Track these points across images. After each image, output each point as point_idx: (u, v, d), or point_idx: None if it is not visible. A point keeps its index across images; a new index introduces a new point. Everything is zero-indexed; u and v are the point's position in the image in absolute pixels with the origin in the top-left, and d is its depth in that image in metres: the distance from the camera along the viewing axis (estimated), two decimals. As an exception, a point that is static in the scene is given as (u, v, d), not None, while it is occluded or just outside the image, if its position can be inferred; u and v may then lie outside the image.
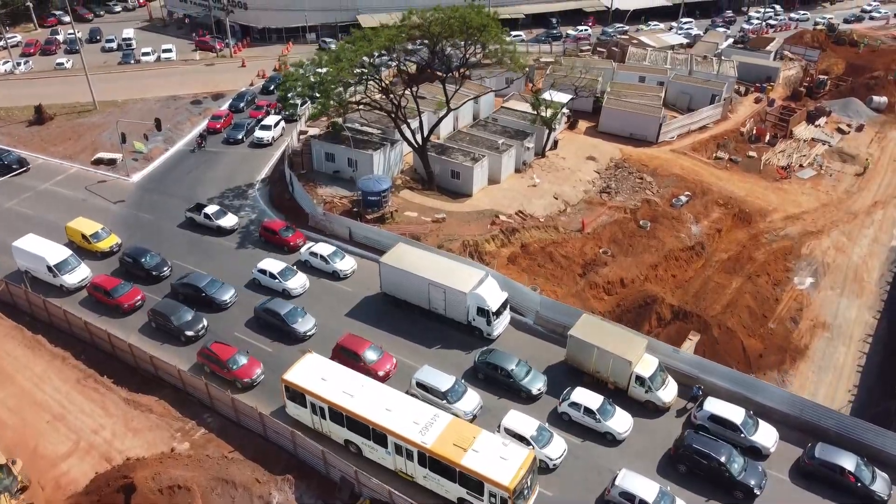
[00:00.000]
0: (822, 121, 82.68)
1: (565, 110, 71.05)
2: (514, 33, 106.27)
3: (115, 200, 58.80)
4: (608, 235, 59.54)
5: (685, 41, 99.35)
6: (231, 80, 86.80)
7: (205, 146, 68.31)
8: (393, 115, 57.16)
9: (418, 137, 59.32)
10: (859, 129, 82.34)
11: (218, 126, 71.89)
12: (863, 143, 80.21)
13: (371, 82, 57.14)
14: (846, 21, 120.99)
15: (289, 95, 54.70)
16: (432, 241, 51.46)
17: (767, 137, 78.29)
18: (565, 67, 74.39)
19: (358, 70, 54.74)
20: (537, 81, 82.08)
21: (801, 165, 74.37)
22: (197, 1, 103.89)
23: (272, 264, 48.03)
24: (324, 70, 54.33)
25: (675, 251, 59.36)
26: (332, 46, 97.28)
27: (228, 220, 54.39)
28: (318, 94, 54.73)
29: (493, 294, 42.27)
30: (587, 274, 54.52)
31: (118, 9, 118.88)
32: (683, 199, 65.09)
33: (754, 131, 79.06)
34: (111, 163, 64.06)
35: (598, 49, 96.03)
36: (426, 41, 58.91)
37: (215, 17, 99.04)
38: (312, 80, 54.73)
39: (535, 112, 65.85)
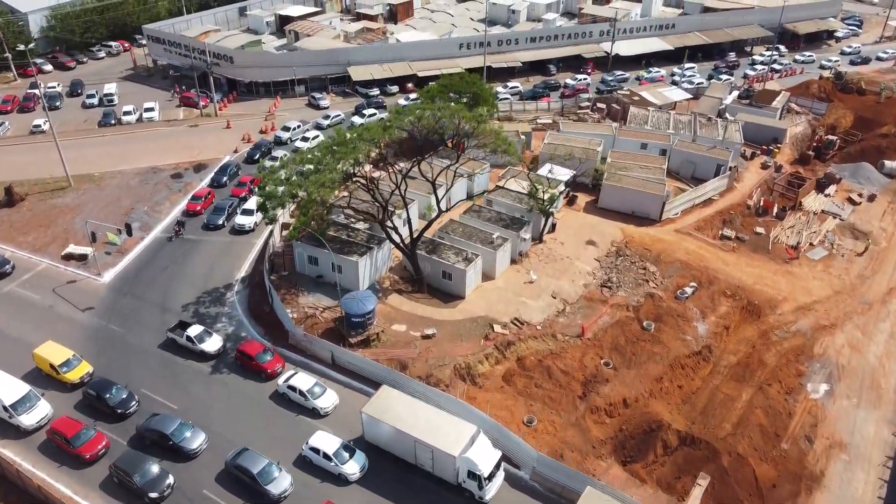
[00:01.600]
0: (831, 189, 79.12)
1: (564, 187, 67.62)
2: (510, 83, 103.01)
3: (84, 308, 55.10)
4: (609, 341, 55.91)
5: (688, 96, 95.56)
6: (215, 144, 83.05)
7: (182, 234, 64.50)
8: (379, 221, 53.56)
9: (406, 234, 55.70)
10: (871, 198, 78.57)
11: (198, 208, 68.07)
12: (875, 215, 76.54)
13: (356, 184, 53.66)
14: (852, 63, 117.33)
15: (268, 205, 50.92)
16: (420, 368, 47.89)
17: (775, 210, 74.77)
18: (563, 155, 70.25)
19: (340, 177, 51.16)
20: (535, 148, 78.59)
21: (811, 244, 70.80)
22: (181, 52, 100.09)
23: (326, 442, 41.85)
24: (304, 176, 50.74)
25: (680, 358, 55.71)
26: (322, 103, 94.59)
27: (212, 344, 50.09)
28: (299, 196, 51.33)
29: (484, 456, 38.72)
30: (587, 395, 50.91)
31: (102, 54, 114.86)
32: (689, 290, 61.52)
33: (761, 203, 75.51)
34: (82, 258, 60.38)
35: (598, 105, 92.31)
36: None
37: (199, 70, 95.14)
38: (293, 182, 51.24)
39: (532, 197, 62.31)
